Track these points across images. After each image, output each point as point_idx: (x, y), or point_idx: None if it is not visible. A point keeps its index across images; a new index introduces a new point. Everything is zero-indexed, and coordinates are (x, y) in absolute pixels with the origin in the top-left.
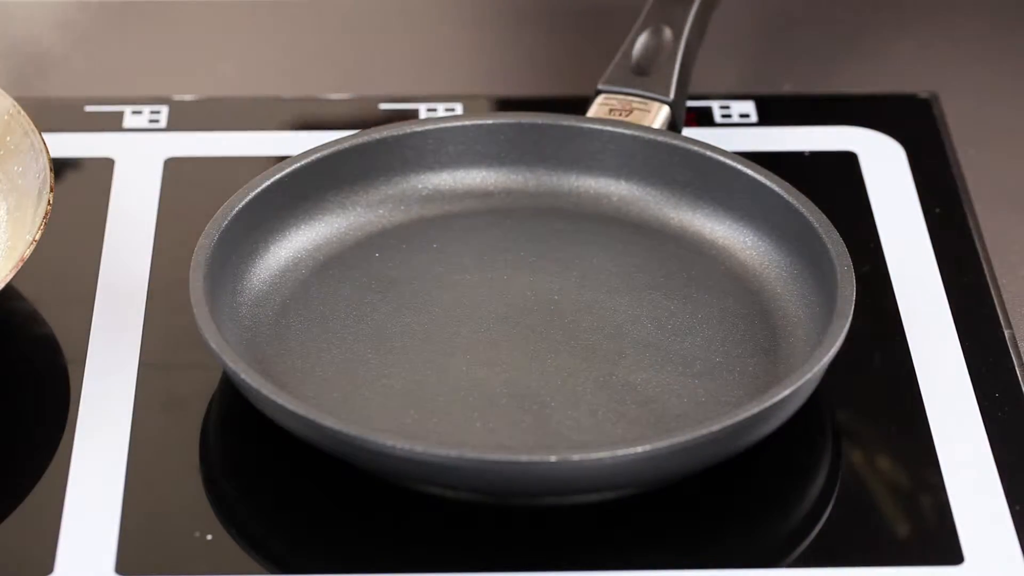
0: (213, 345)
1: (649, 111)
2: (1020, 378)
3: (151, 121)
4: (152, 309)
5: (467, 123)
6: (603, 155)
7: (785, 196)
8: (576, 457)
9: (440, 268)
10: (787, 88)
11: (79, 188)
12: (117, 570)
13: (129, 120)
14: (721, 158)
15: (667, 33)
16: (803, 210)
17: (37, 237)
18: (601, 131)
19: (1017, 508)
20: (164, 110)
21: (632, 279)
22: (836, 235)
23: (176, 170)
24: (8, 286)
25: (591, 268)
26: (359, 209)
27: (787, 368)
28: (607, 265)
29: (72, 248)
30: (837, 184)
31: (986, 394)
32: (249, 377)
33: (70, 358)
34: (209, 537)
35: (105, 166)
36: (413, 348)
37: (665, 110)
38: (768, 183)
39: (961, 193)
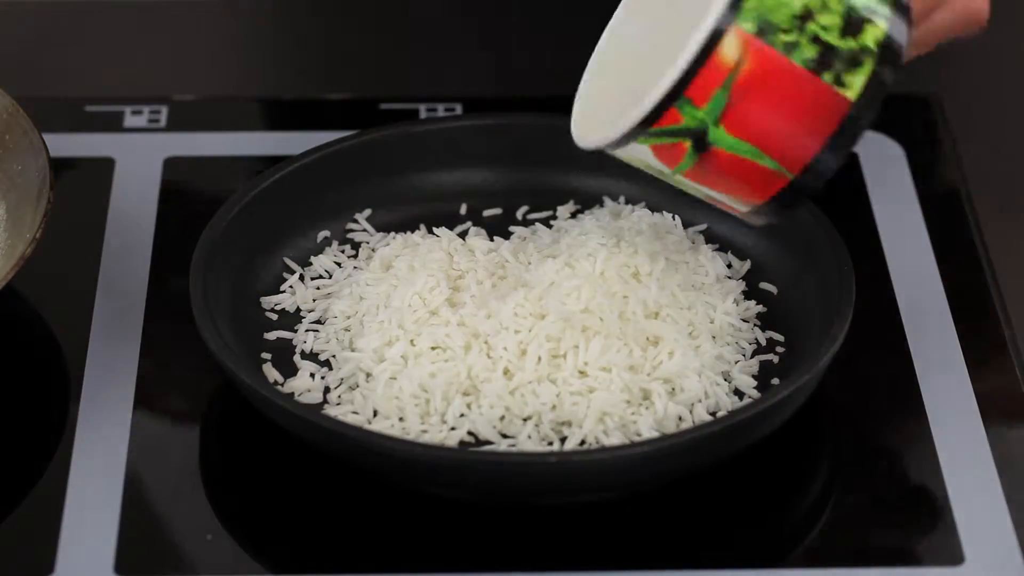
0: (213, 345)
1: None
2: (1020, 378)
3: (151, 121)
4: (152, 309)
5: (467, 123)
6: (604, 155)
7: None
8: (576, 457)
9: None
10: None
11: (79, 188)
12: (117, 570)
13: (129, 120)
14: None
15: None
16: (803, 210)
17: (38, 236)
18: None
19: (1017, 508)
20: (164, 110)
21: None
22: (836, 235)
23: (176, 170)
24: (8, 286)
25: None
26: (359, 209)
27: (787, 368)
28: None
29: (72, 248)
30: (837, 184)
31: (986, 394)
32: (249, 377)
33: (70, 358)
34: (209, 537)
35: (105, 166)
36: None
37: None
38: None
39: (961, 193)
